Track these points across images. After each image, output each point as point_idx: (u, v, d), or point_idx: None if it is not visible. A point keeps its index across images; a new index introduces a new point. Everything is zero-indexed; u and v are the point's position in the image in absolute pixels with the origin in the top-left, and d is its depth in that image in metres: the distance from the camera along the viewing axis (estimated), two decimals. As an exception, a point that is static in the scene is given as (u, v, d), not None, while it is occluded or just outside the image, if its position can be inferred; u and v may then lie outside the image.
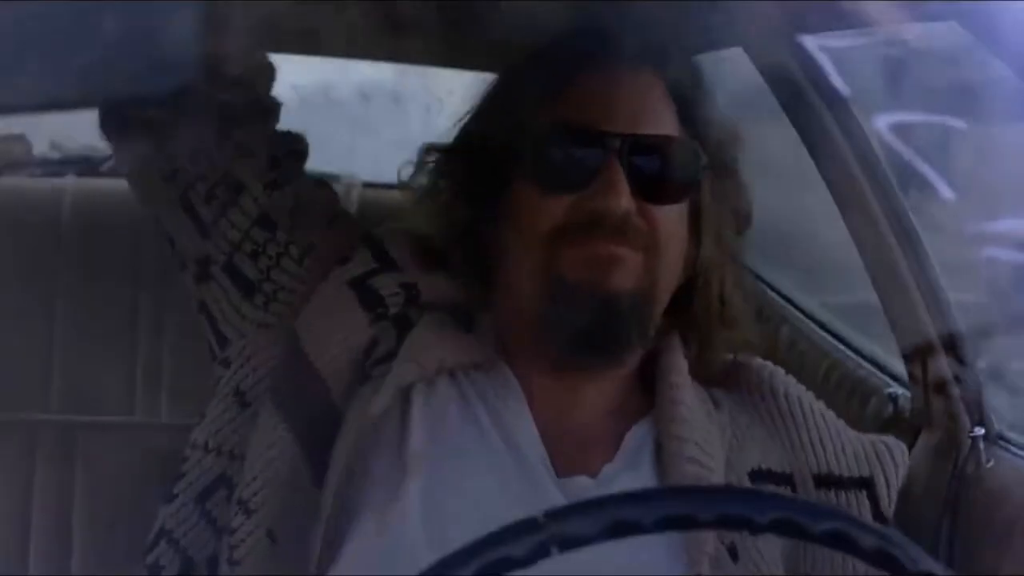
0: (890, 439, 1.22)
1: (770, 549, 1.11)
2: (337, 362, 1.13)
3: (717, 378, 1.21)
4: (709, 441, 1.14)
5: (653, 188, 1.11)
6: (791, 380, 1.22)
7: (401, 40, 1.64)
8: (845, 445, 1.18)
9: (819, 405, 1.22)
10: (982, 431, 1.52)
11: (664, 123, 1.14)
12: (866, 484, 1.17)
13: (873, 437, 1.21)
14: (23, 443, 1.61)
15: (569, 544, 0.74)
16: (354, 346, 1.14)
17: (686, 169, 1.14)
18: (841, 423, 1.22)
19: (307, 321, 1.14)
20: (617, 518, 0.75)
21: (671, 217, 1.13)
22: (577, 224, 1.10)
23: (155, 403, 1.66)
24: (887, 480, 1.17)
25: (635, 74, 1.15)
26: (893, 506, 1.17)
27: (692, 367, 1.19)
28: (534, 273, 1.12)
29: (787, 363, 1.90)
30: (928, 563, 0.75)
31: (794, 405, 1.19)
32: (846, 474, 1.17)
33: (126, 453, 1.62)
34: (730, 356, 1.22)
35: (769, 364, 1.22)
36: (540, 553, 0.73)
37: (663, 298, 1.15)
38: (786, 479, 1.16)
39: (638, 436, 1.15)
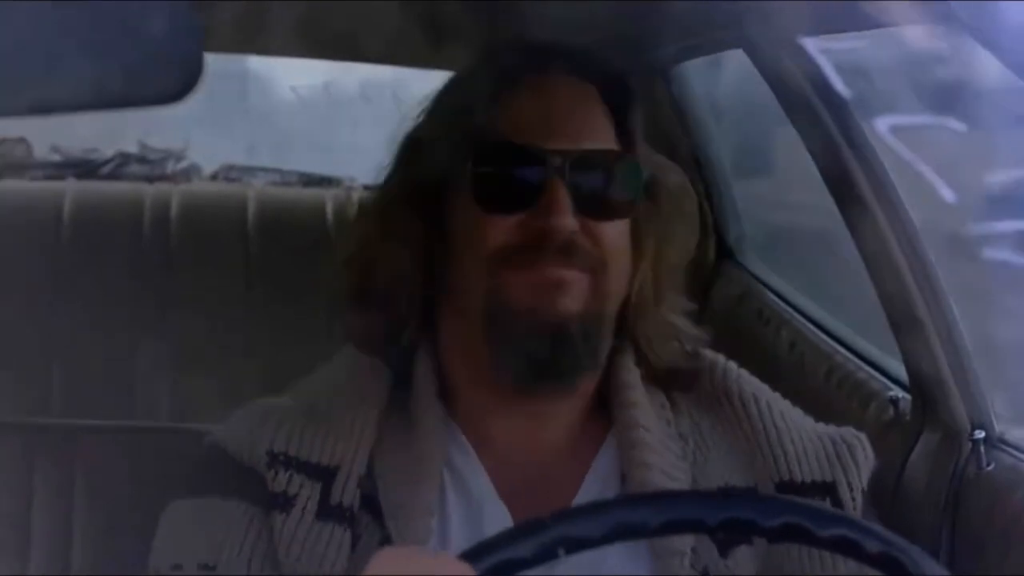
0: (851, 434, 1.16)
1: (743, 566, 1.08)
2: None
3: (673, 381, 1.18)
4: (674, 464, 1.11)
5: (597, 205, 1.08)
6: (748, 379, 1.18)
7: (407, 43, 1.64)
8: (806, 447, 1.13)
9: (778, 403, 1.17)
10: (982, 434, 1.52)
11: (604, 138, 1.10)
12: (828, 489, 1.12)
13: (834, 431, 1.16)
14: (23, 444, 1.61)
15: (576, 546, 0.74)
16: None
17: (629, 184, 1.11)
18: (800, 417, 1.17)
19: None
20: (624, 520, 0.75)
21: (615, 234, 1.10)
22: (520, 246, 1.06)
23: (155, 405, 1.66)
24: (849, 482, 1.12)
25: (571, 86, 1.11)
26: (859, 508, 1.12)
27: (645, 375, 1.16)
28: (477, 300, 1.08)
29: (787, 365, 1.91)
30: (932, 567, 0.75)
31: (750, 406, 1.14)
32: (807, 479, 1.12)
33: (126, 454, 1.62)
34: (680, 361, 1.18)
35: (725, 362, 1.18)
36: (547, 554, 0.73)
37: (611, 318, 1.11)
38: None
39: (600, 471, 1.12)
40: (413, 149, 1.15)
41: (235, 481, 1.10)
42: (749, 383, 1.17)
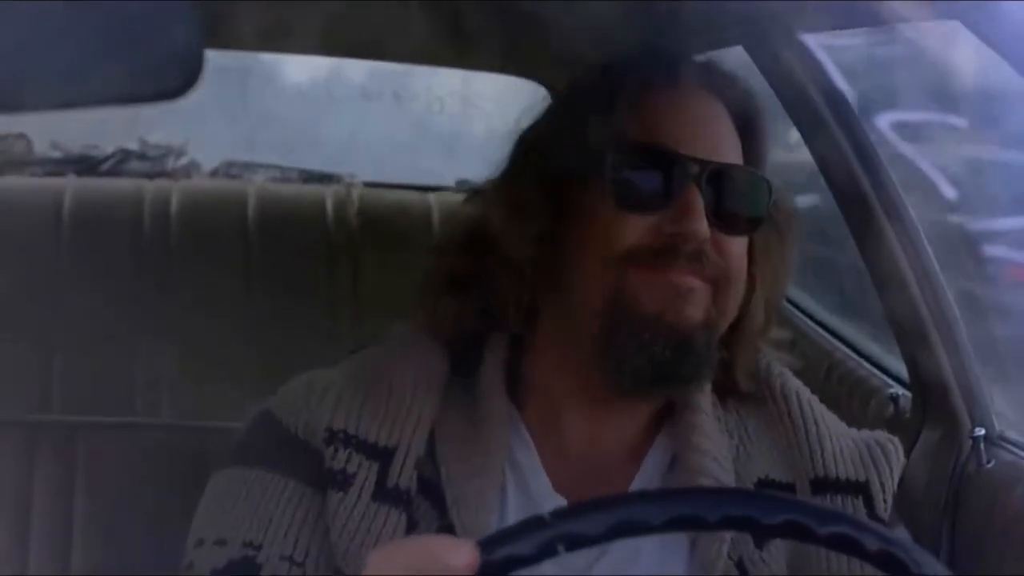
0: (884, 437, 1.19)
1: (777, 561, 1.10)
2: None
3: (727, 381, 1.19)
4: (724, 454, 1.13)
5: (728, 218, 1.09)
6: (790, 376, 1.20)
7: (409, 41, 1.64)
8: (843, 447, 1.16)
9: (818, 405, 1.19)
10: (982, 431, 1.52)
11: (735, 154, 1.12)
12: (861, 488, 1.14)
13: (868, 435, 1.19)
14: (23, 443, 1.61)
15: (576, 543, 0.74)
16: None
17: (758, 202, 1.12)
18: (838, 422, 1.20)
19: None
20: (626, 518, 0.75)
21: (740, 251, 1.11)
22: (652, 248, 1.07)
23: (155, 403, 1.66)
24: (882, 483, 1.15)
25: (703, 99, 1.13)
26: (889, 509, 1.15)
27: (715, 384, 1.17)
28: (597, 298, 1.08)
29: (788, 363, 1.91)
30: (933, 566, 0.75)
31: (792, 403, 1.17)
32: (842, 477, 1.14)
33: (126, 453, 1.62)
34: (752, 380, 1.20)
35: (773, 362, 1.20)
36: (547, 551, 0.73)
37: (722, 331, 1.12)
38: (788, 488, 1.15)
39: (652, 465, 1.13)
40: (542, 145, 1.15)
41: (289, 454, 1.10)
42: (792, 381, 1.19)
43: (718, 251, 1.09)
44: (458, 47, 1.81)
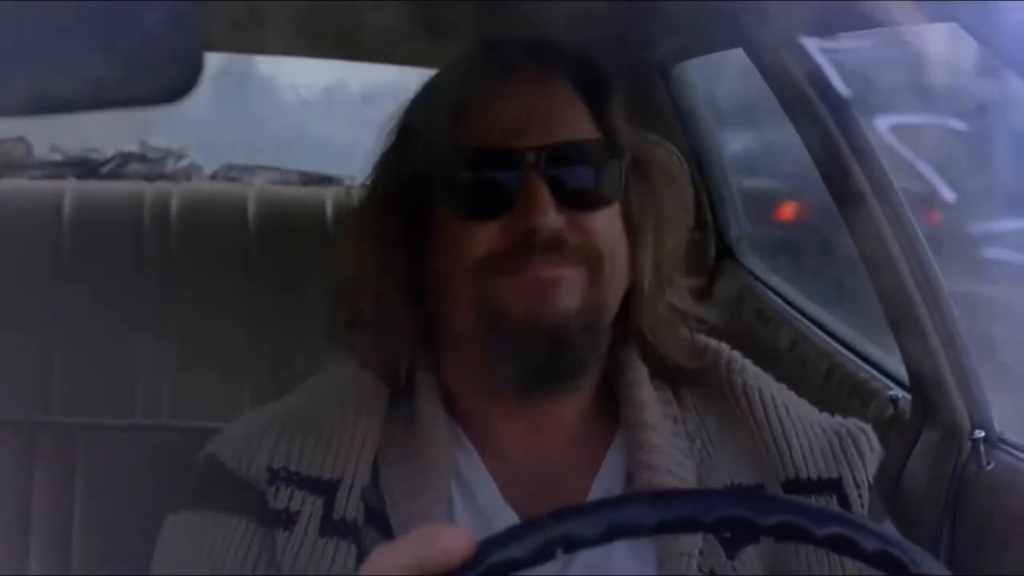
0: (856, 425, 1.14)
1: (751, 570, 1.07)
2: None
3: (680, 374, 1.15)
4: (680, 463, 1.10)
5: (580, 197, 1.05)
6: (753, 371, 1.15)
7: (408, 43, 1.64)
8: (812, 442, 1.11)
9: (782, 394, 1.15)
10: (982, 433, 1.52)
11: (581, 127, 1.08)
12: (834, 485, 1.10)
13: (838, 424, 1.14)
14: (23, 443, 1.61)
15: (573, 545, 0.74)
16: None
17: (610, 170, 1.08)
18: (805, 409, 1.15)
19: None
20: (621, 520, 0.75)
21: (606, 223, 1.07)
22: (506, 250, 1.04)
23: (155, 404, 1.66)
24: (855, 478, 1.11)
25: (540, 82, 1.09)
26: (866, 504, 1.11)
27: (653, 371, 1.14)
28: (469, 311, 1.05)
29: (788, 364, 1.91)
30: (931, 565, 0.75)
31: (755, 401, 1.12)
32: (814, 476, 1.10)
33: (126, 453, 1.62)
34: (687, 352, 1.15)
35: (730, 352, 1.16)
36: (544, 554, 0.73)
37: (612, 310, 1.09)
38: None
39: (608, 473, 1.10)
40: (388, 166, 1.13)
41: (234, 495, 1.08)
42: (755, 376, 1.15)
43: (580, 232, 1.05)
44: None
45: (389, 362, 1.12)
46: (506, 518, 1.06)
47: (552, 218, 1.03)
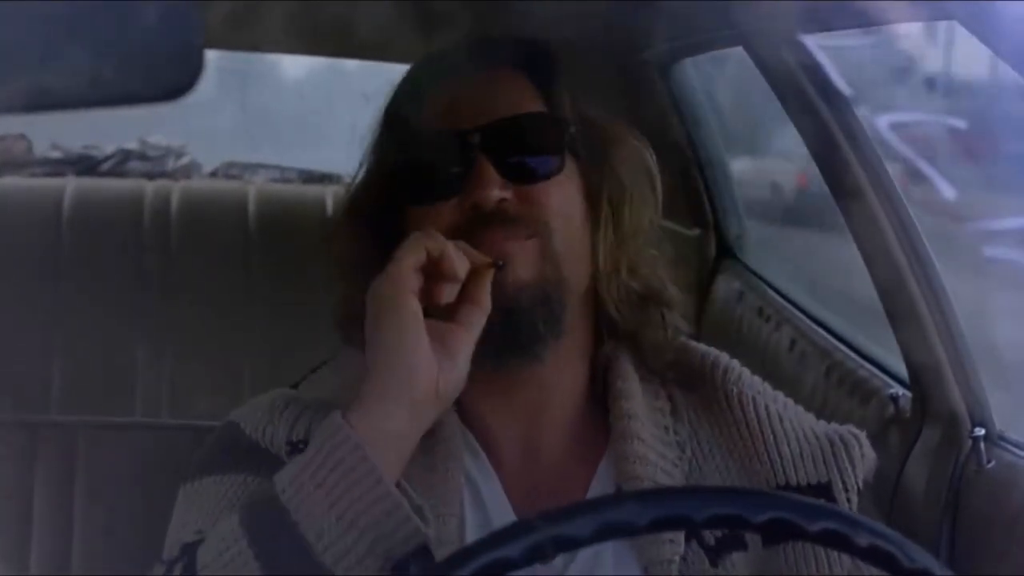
0: (848, 432, 1.15)
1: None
2: None
3: (674, 376, 1.17)
4: (669, 473, 1.11)
5: (523, 168, 1.09)
6: (749, 379, 1.16)
7: (406, 41, 1.64)
8: (803, 449, 1.13)
9: (777, 403, 1.16)
10: (982, 431, 1.52)
11: (519, 102, 1.12)
12: (823, 490, 1.11)
13: (832, 431, 1.15)
14: (23, 443, 1.61)
15: (565, 545, 0.74)
16: None
17: (552, 140, 1.12)
18: (799, 416, 1.16)
19: None
20: (613, 519, 0.75)
21: (554, 195, 1.10)
22: (458, 226, 1.07)
23: (155, 403, 1.67)
24: (844, 482, 1.12)
25: (487, 73, 1.14)
26: (855, 508, 1.11)
27: (642, 368, 1.15)
28: None
29: (788, 362, 1.91)
30: (924, 559, 0.75)
31: (749, 410, 1.14)
32: (803, 483, 1.11)
33: (126, 453, 1.62)
34: (675, 343, 1.16)
35: (727, 361, 1.17)
36: (536, 555, 0.73)
37: (571, 285, 1.11)
38: None
39: (605, 477, 1.12)
40: (371, 158, 1.17)
41: (250, 457, 1.10)
42: (751, 386, 1.16)
43: (527, 204, 1.08)
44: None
45: None
46: (506, 517, 1.07)
47: (494, 192, 1.07)
